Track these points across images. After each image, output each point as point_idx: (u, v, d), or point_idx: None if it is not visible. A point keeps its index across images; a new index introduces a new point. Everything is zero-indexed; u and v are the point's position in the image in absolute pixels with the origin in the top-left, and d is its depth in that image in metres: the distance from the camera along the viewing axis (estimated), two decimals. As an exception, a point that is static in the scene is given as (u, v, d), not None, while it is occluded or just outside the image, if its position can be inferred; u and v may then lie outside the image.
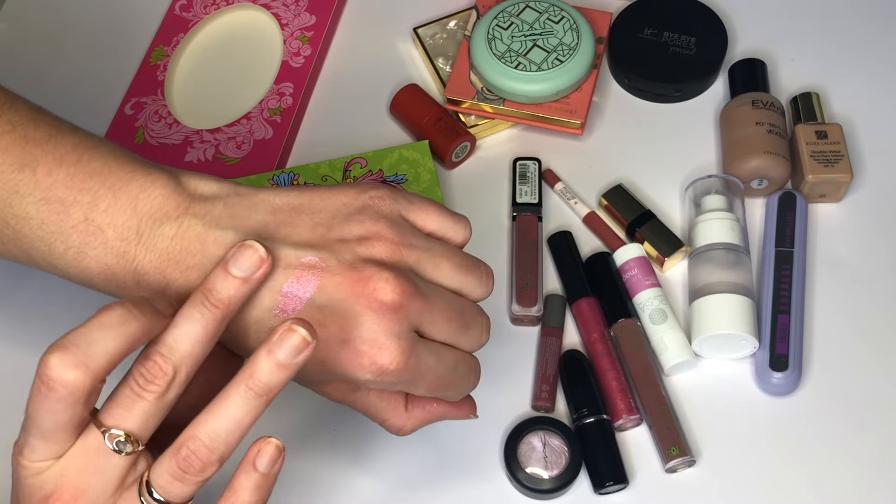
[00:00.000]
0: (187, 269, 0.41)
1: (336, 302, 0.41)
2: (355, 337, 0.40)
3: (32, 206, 0.42)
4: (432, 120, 0.68)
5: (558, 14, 0.69)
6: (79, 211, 0.41)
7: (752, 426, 0.58)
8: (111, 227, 0.41)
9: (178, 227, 0.41)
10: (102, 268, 0.42)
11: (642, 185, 0.67)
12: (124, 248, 0.41)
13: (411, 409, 0.47)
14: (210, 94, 0.73)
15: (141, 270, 0.41)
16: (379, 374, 0.41)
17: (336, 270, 0.41)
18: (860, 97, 0.69)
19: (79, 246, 0.42)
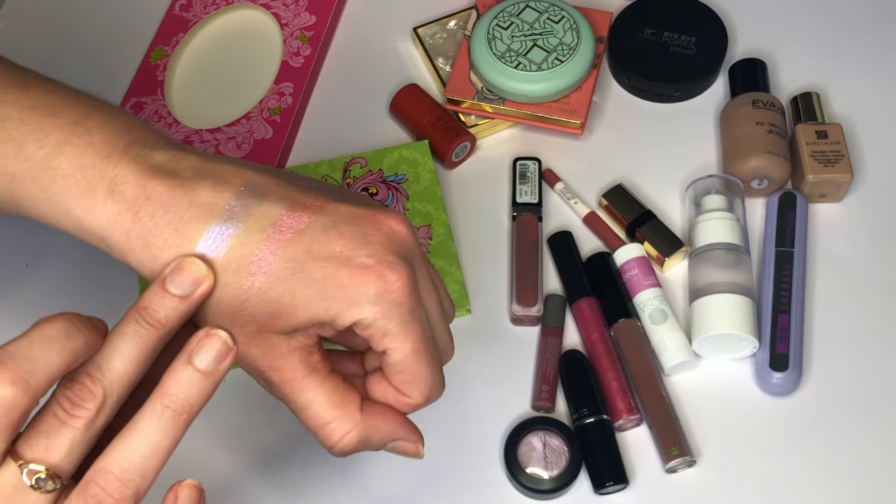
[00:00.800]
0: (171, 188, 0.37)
1: (341, 224, 0.38)
2: (363, 253, 0.37)
3: (16, 111, 0.39)
4: (432, 120, 0.68)
5: (558, 14, 0.69)
6: (70, 116, 0.39)
7: (752, 426, 0.58)
8: (101, 134, 0.38)
9: (174, 154, 0.39)
10: (74, 169, 0.38)
11: (642, 185, 0.67)
12: (109, 152, 0.38)
13: (365, 413, 0.41)
14: (210, 94, 0.73)
15: (120, 178, 0.37)
16: (383, 290, 0.37)
17: (341, 201, 0.39)
18: (860, 97, 0.69)
19: (56, 144, 0.38)
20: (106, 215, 0.38)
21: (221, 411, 0.59)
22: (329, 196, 0.39)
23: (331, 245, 0.37)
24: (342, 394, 0.40)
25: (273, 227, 0.37)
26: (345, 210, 0.38)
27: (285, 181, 0.40)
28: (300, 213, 0.38)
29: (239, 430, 0.59)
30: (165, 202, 0.37)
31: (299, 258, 0.37)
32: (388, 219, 0.39)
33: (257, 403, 0.60)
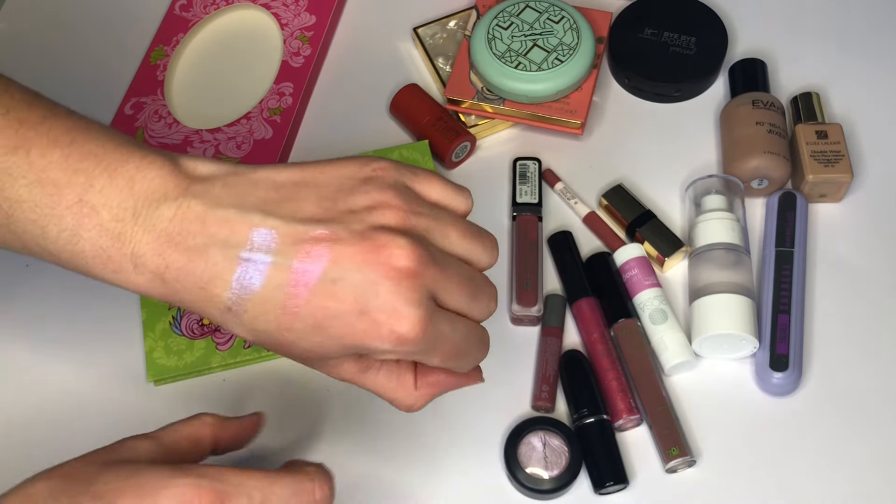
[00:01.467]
0: (188, 251, 0.40)
1: (350, 273, 0.39)
2: (373, 307, 0.39)
3: (25, 189, 0.40)
4: (432, 120, 0.68)
5: (558, 14, 0.69)
6: (73, 192, 0.40)
7: (752, 426, 0.58)
8: (106, 208, 0.40)
9: (177, 207, 0.40)
10: (97, 251, 0.40)
11: (642, 185, 0.67)
12: (120, 230, 0.40)
13: (420, 386, 0.45)
14: (210, 94, 0.73)
15: (138, 253, 0.40)
16: (398, 343, 0.39)
17: (348, 241, 0.39)
18: (860, 97, 0.69)
19: (73, 228, 0.40)
20: (140, 284, 0.41)
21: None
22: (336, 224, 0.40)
23: (343, 300, 0.39)
24: (397, 378, 0.45)
25: (288, 285, 0.39)
26: (351, 255, 0.39)
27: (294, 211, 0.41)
28: (309, 263, 0.39)
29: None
30: (185, 265, 0.40)
31: (317, 315, 0.39)
32: (391, 257, 0.39)
33: (253, 405, 0.60)
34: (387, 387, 0.45)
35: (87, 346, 0.62)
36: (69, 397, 0.60)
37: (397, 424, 0.59)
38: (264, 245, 0.40)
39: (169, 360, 0.60)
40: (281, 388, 0.60)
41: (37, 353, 0.63)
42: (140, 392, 0.61)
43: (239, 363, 0.61)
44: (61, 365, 0.62)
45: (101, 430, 0.59)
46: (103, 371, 0.61)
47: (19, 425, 0.60)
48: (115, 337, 0.63)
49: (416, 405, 0.46)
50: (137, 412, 0.60)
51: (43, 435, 0.59)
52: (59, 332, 0.63)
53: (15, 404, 0.61)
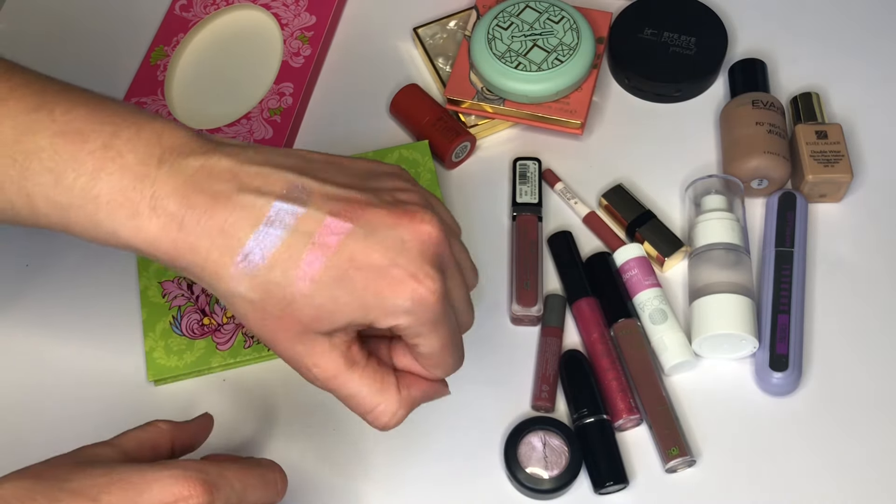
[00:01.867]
0: (214, 195, 0.39)
1: (381, 231, 0.40)
2: (400, 264, 0.40)
3: (46, 139, 0.40)
4: (432, 120, 0.68)
5: (558, 14, 0.69)
6: (98, 139, 0.40)
7: (752, 426, 0.58)
8: (132, 153, 0.40)
9: (206, 160, 0.40)
10: (114, 193, 0.39)
11: (642, 185, 0.67)
12: (145, 171, 0.39)
13: (403, 390, 0.45)
14: (210, 94, 0.73)
15: (160, 194, 0.39)
16: (417, 301, 0.40)
17: (380, 206, 0.40)
18: (860, 97, 0.69)
19: (92, 172, 0.39)
20: (153, 230, 0.40)
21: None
22: (369, 194, 0.41)
23: (371, 255, 0.39)
24: (381, 379, 0.44)
25: (318, 234, 0.39)
26: (382, 215, 0.40)
27: (322, 177, 0.41)
28: (342, 220, 0.40)
29: (235, 425, 0.59)
30: (209, 209, 0.39)
31: (342, 266, 0.39)
32: (422, 223, 0.41)
33: (253, 405, 0.60)
34: (370, 388, 0.43)
35: (87, 346, 0.62)
36: (69, 397, 0.60)
37: (397, 424, 0.59)
38: (299, 197, 0.40)
39: (169, 360, 0.60)
40: (281, 388, 0.60)
41: (37, 352, 0.63)
42: (140, 392, 0.61)
43: (239, 363, 0.61)
44: (61, 365, 0.62)
45: (101, 430, 0.59)
46: (103, 371, 0.61)
47: (19, 425, 0.60)
48: (115, 337, 0.63)
49: (397, 415, 0.44)
50: (137, 412, 0.60)
51: (43, 435, 0.59)
52: (58, 332, 0.63)
53: (15, 404, 0.61)
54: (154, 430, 0.46)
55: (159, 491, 0.39)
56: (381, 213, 0.40)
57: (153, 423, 0.46)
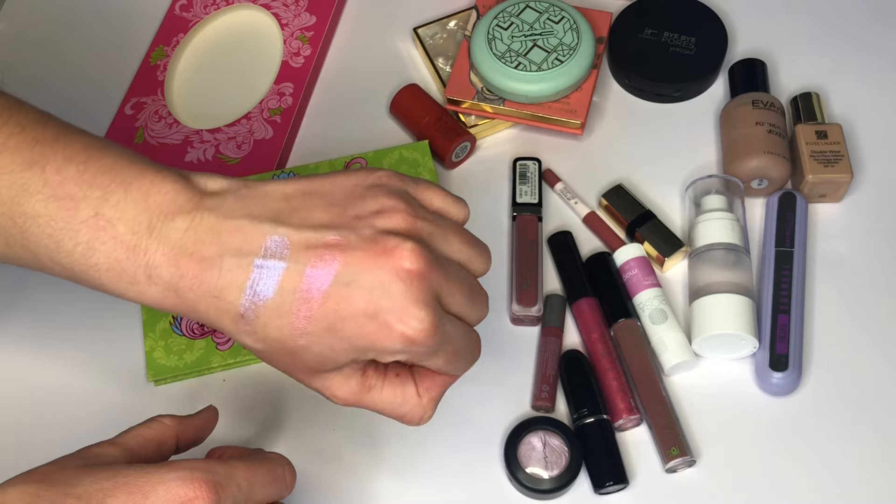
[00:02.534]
0: (202, 260, 0.41)
1: (362, 276, 0.40)
2: (384, 309, 0.40)
3: (41, 204, 0.41)
4: (432, 120, 0.68)
5: (558, 14, 0.69)
6: (89, 206, 0.41)
7: (752, 426, 0.58)
8: (122, 222, 0.41)
9: (191, 220, 0.41)
10: (112, 263, 0.41)
11: (642, 185, 0.67)
12: (135, 242, 0.41)
13: (423, 393, 0.46)
14: (210, 94, 0.73)
15: (153, 264, 0.41)
16: (409, 343, 0.41)
17: (358, 246, 0.41)
18: (860, 97, 0.69)
19: (88, 242, 0.41)
20: (154, 295, 0.42)
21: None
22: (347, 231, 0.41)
23: (356, 303, 0.40)
24: (401, 392, 0.46)
25: (300, 290, 0.40)
26: (361, 258, 0.41)
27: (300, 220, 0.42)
28: (322, 268, 0.40)
29: (235, 426, 0.59)
30: (199, 275, 0.41)
31: (329, 318, 0.40)
32: (400, 260, 0.41)
33: (253, 405, 0.60)
34: (393, 402, 0.46)
35: (87, 346, 0.62)
36: (69, 397, 0.60)
37: (397, 425, 0.58)
38: (277, 252, 0.41)
39: (169, 360, 0.60)
40: (280, 388, 0.60)
41: (37, 353, 0.63)
42: (140, 392, 0.61)
43: (239, 363, 0.61)
44: (61, 365, 0.62)
45: (101, 430, 0.59)
46: (103, 371, 0.61)
47: (19, 425, 0.60)
48: (115, 337, 0.63)
49: (426, 416, 0.47)
50: (137, 412, 0.60)
51: (43, 435, 0.59)
52: (59, 332, 0.63)
53: (15, 404, 0.61)
54: (158, 427, 0.46)
55: (165, 493, 0.39)
56: (358, 255, 0.41)
57: (157, 419, 0.46)
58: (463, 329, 0.45)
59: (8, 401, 0.61)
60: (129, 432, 0.45)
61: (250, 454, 0.46)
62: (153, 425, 0.46)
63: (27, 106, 0.44)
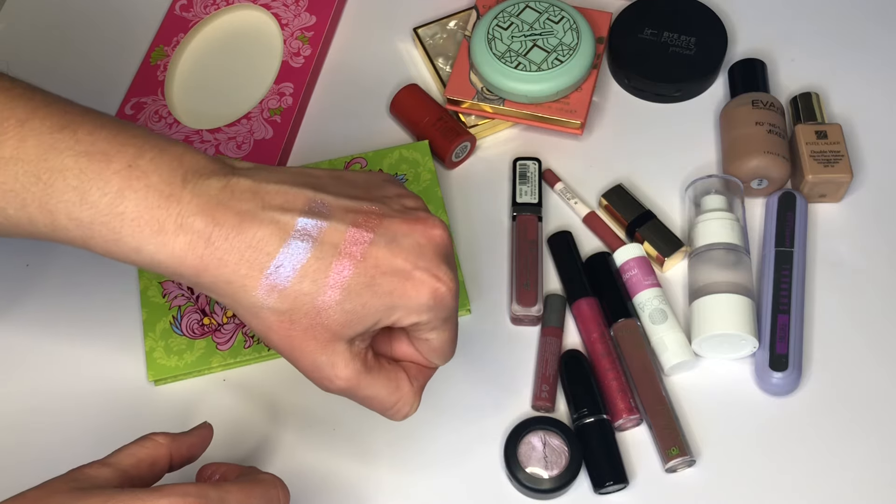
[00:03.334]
0: (239, 213, 0.41)
1: (400, 238, 0.43)
2: (421, 266, 0.43)
3: (71, 158, 0.41)
4: (432, 120, 0.68)
5: (558, 14, 0.69)
6: (122, 159, 0.41)
7: (752, 426, 0.58)
8: (156, 173, 0.41)
9: (227, 182, 0.42)
10: (140, 211, 0.40)
11: (642, 185, 0.67)
12: (170, 191, 0.41)
13: (414, 382, 0.48)
14: (210, 94, 0.73)
15: (186, 212, 0.41)
16: (438, 299, 0.43)
17: (394, 215, 0.44)
18: (860, 97, 0.69)
19: (118, 190, 0.40)
20: (179, 246, 0.41)
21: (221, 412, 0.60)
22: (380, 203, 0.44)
23: (394, 260, 0.42)
24: (395, 377, 0.47)
25: (343, 245, 0.42)
26: (398, 224, 0.43)
27: (335, 191, 0.44)
28: (364, 230, 0.42)
29: (235, 425, 0.59)
30: (237, 226, 0.41)
31: (369, 272, 0.42)
32: (433, 227, 0.44)
33: (252, 405, 0.60)
34: (388, 388, 0.46)
35: (87, 346, 0.62)
36: (69, 397, 0.61)
37: (397, 425, 0.58)
38: (321, 212, 0.42)
39: (169, 359, 0.60)
40: (280, 388, 0.60)
41: (37, 353, 0.63)
42: (140, 392, 0.61)
43: (239, 363, 0.61)
44: (61, 365, 0.62)
45: (102, 430, 0.59)
46: (103, 371, 0.61)
47: (19, 425, 0.60)
48: (115, 337, 0.63)
49: (414, 406, 0.48)
50: (137, 412, 0.60)
51: (43, 435, 0.59)
52: (59, 332, 0.63)
53: (15, 404, 0.61)
54: (152, 445, 0.45)
55: None
56: (396, 221, 0.43)
57: (150, 438, 0.45)
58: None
59: (8, 401, 0.61)
60: (121, 451, 0.44)
61: (243, 474, 0.46)
62: (146, 444, 0.45)
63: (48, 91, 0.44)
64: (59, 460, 0.45)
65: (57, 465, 0.44)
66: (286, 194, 0.42)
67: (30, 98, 0.42)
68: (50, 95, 0.43)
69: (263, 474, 0.46)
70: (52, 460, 0.45)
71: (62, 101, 0.43)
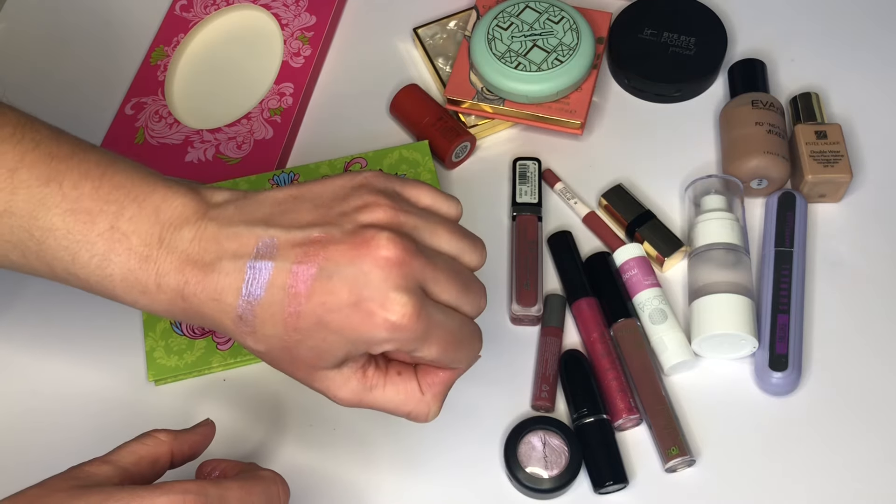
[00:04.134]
0: (204, 266, 0.43)
1: (343, 268, 0.41)
2: (366, 297, 0.41)
3: (59, 218, 0.43)
4: (432, 120, 0.68)
5: (558, 14, 0.69)
6: (105, 220, 0.43)
7: (752, 426, 0.58)
8: (136, 234, 0.43)
9: (197, 230, 0.43)
10: (125, 273, 0.43)
11: (642, 185, 0.67)
12: (147, 253, 0.43)
13: (426, 390, 0.47)
14: (210, 94, 0.73)
15: (162, 272, 0.43)
16: (393, 329, 0.41)
17: (340, 240, 0.42)
18: (860, 97, 0.70)
19: (103, 253, 0.43)
20: (164, 303, 0.44)
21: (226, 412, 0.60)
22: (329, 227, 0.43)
23: (338, 295, 0.41)
24: (404, 390, 0.46)
25: (289, 285, 0.42)
26: (342, 251, 0.42)
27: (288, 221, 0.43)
28: (307, 265, 0.42)
29: (235, 425, 0.59)
30: (201, 280, 0.43)
31: (317, 312, 0.42)
32: (378, 248, 0.42)
33: (252, 405, 0.60)
34: (396, 401, 0.46)
35: (87, 346, 0.62)
36: (69, 397, 0.61)
37: (397, 424, 0.58)
38: (268, 252, 0.42)
39: (169, 359, 0.60)
40: (280, 388, 0.60)
41: (37, 353, 0.63)
42: (140, 392, 0.61)
43: (239, 363, 0.61)
44: (62, 365, 0.62)
45: (102, 430, 0.59)
46: (103, 371, 0.61)
47: (19, 425, 0.60)
48: (115, 337, 0.63)
49: (432, 412, 0.47)
50: (137, 412, 0.60)
51: (43, 435, 0.59)
52: (59, 332, 0.63)
53: (15, 404, 0.61)
54: (153, 443, 0.45)
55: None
56: (341, 248, 0.42)
57: (151, 435, 0.46)
58: (457, 319, 0.45)
59: (8, 401, 0.61)
60: (122, 449, 0.45)
61: (243, 471, 0.46)
62: (147, 441, 0.45)
63: (38, 122, 0.45)
64: (58, 460, 0.45)
65: (57, 464, 0.44)
66: (239, 238, 0.43)
67: (18, 140, 0.44)
68: (38, 132, 0.44)
69: (264, 471, 0.46)
70: (51, 460, 0.45)
71: (49, 139, 0.44)
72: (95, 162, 0.44)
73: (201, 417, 0.52)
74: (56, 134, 0.45)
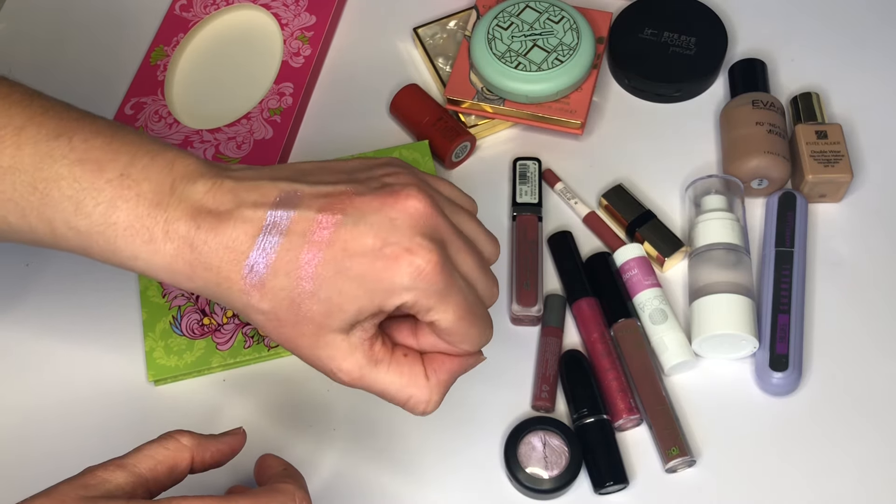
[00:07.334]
0: (218, 215, 0.41)
1: (369, 216, 0.41)
2: (392, 242, 0.40)
3: (66, 167, 0.41)
4: (432, 120, 0.68)
5: (558, 14, 0.69)
6: (115, 168, 0.41)
7: (752, 426, 0.58)
8: (147, 182, 0.41)
9: (213, 184, 0.42)
10: (132, 220, 0.41)
11: (642, 185, 0.67)
12: (158, 199, 0.41)
13: (432, 375, 0.45)
14: (210, 94, 0.73)
15: (171, 218, 0.41)
16: (416, 275, 0.40)
17: (367, 193, 0.42)
18: (860, 97, 0.69)
19: (110, 200, 0.41)
20: (168, 253, 0.41)
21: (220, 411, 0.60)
22: (354, 185, 0.42)
23: (363, 240, 0.40)
24: (409, 372, 0.44)
25: (311, 232, 0.41)
26: (369, 201, 0.41)
27: (318, 180, 0.43)
28: (331, 213, 0.41)
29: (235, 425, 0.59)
30: (214, 227, 0.41)
31: (339, 257, 0.40)
32: (407, 198, 0.41)
33: (252, 405, 0.60)
34: (398, 383, 0.44)
35: (87, 346, 0.62)
36: (69, 397, 0.61)
37: (397, 424, 0.59)
38: (290, 202, 0.41)
39: (169, 360, 0.60)
40: (280, 388, 0.60)
41: (37, 353, 0.63)
42: (140, 392, 0.61)
43: (239, 363, 0.61)
44: (61, 365, 0.62)
45: (102, 430, 0.59)
46: (103, 371, 0.61)
47: (19, 425, 0.60)
48: (115, 337, 0.63)
49: (432, 400, 0.45)
50: (137, 412, 0.60)
51: (43, 435, 0.59)
52: (59, 332, 0.63)
53: (15, 404, 0.61)
54: (174, 446, 0.43)
55: None
56: (367, 199, 0.41)
57: (173, 438, 0.43)
58: (474, 293, 0.44)
59: (8, 401, 0.61)
60: (139, 452, 0.42)
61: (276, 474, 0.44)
62: (168, 444, 0.43)
63: (47, 95, 0.44)
64: (58, 460, 0.45)
65: (57, 465, 0.44)
66: (260, 189, 0.42)
67: (27, 104, 0.43)
68: (48, 100, 0.44)
69: (284, 483, 0.43)
70: (51, 460, 0.45)
71: (60, 106, 0.43)
72: (106, 124, 0.43)
73: (201, 418, 0.52)
74: (66, 104, 0.44)
